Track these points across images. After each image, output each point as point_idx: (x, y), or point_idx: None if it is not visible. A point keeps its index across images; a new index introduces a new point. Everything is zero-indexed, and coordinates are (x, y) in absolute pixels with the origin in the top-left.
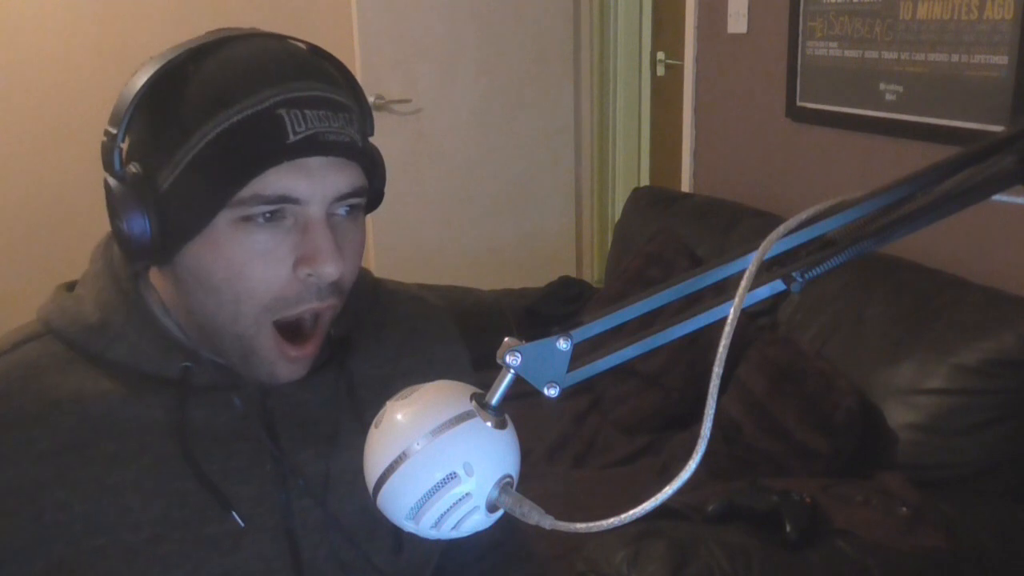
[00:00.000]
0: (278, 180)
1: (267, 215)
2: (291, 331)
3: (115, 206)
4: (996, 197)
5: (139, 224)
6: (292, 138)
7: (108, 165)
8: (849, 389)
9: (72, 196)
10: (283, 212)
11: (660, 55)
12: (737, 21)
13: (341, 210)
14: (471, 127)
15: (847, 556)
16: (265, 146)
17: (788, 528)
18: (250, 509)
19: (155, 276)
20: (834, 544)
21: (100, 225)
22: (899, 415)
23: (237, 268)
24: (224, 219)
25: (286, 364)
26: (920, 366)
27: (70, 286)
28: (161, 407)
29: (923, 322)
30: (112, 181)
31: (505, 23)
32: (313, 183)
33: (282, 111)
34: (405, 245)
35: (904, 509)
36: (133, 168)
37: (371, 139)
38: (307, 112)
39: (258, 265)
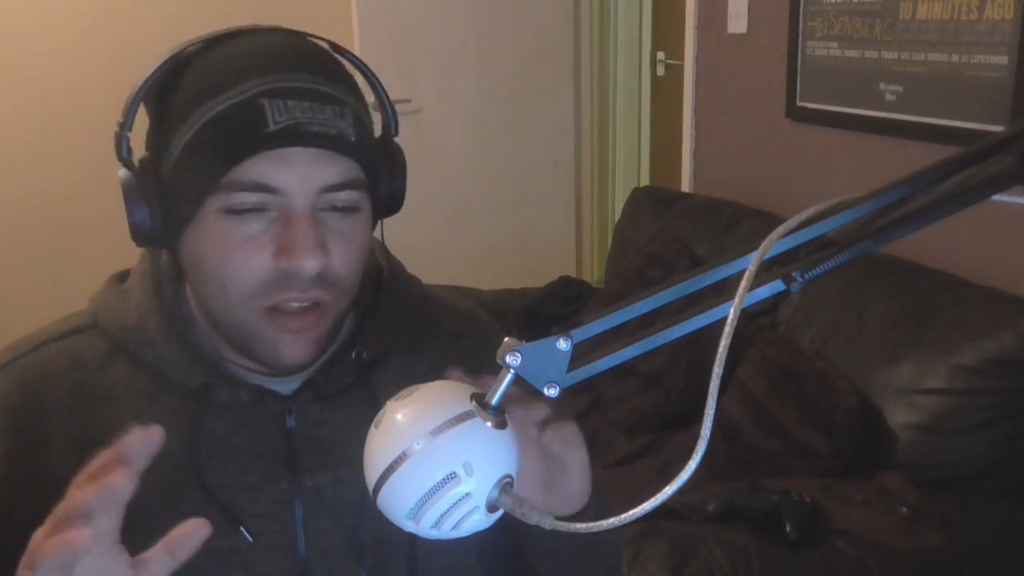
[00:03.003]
0: (255, 168)
1: (251, 206)
2: (287, 313)
3: (124, 193)
4: (996, 197)
5: (141, 211)
6: (271, 127)
7: (117, 154)
8: (849, 389)
9: (72, 196)
10: (267, 203)
11: (660, 55)
12: (737, 21)
13: (332, 205)
14: (471, 127)
15: (847, 556)
16: (244, 134)
17: (788, 528)
18: (261, 526)
19: (188, 281)
20: (834, 544)
21: (100, 225)
22: (899, 415)
23: (222, 255)
24: (212, 207)
25: (288, 341)
26: (920, 366)
27: (122, 276)
28: (183, 415)
29: (923, 322)
30: (121, 170)
31: (505, 23)
32: (294, 174)
33: (264, 100)
34: (405, 245)
35: (904, 509)
36: (145, 156)
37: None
38: (290, 102)
39: (240, 253)
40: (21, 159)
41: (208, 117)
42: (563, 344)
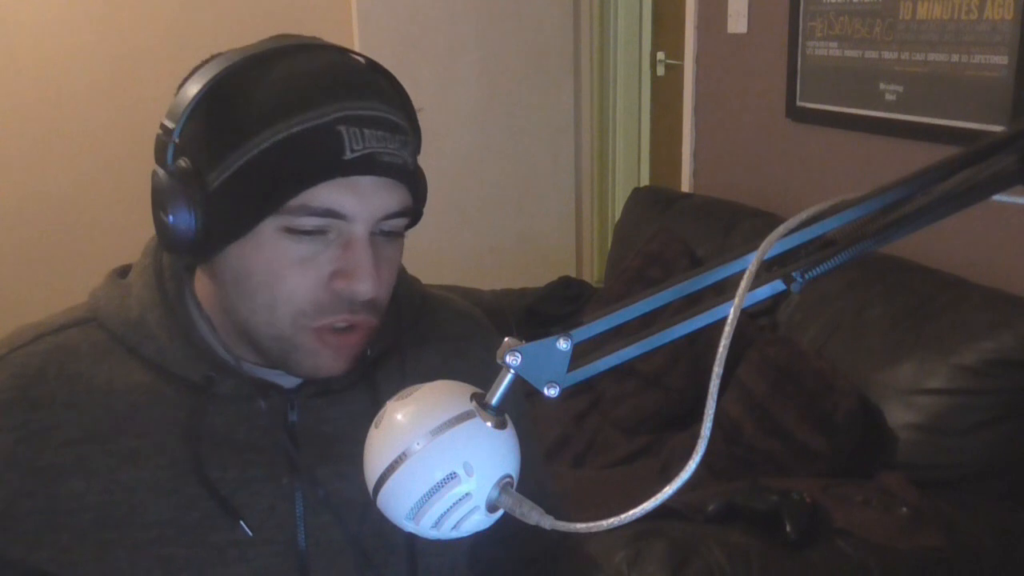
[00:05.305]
0: (328, 194)
1: (314, 228)
2: (333, 331)
3: (162, 199)
4: (996, 197)
5: (185, 219)
6: (349, 155)
7: (160, 158)
8: (849, 389)
9: (76, 198)
10: (328, 227)
11: (660, 55)
12: (737, 21)
13: (384, 229)
14: (471, 127)
15: (847, 556)
16: (322, 160)
17: (788, 528)
18: (261, 521)
19: (199, 277)
20: (834, 544)
21: (101, 226)
22: (899, 415)
23: (275, 273)
24: (270, 225)
25: (329, 355)
26: (920, 366)
27: (123, 271)
28: (184, 409)
29: (923, 322)
30: (161, 173)
31: (505, 23)
32: (362, 201)
33: (342, 127)
34: (405, 245)
35: (904, 509)
36: (183, 163)
37: None
38: (366, 131)
39: (295, 272)
40: (22, 160)
41: (280, 138)
42: (563, 344)
